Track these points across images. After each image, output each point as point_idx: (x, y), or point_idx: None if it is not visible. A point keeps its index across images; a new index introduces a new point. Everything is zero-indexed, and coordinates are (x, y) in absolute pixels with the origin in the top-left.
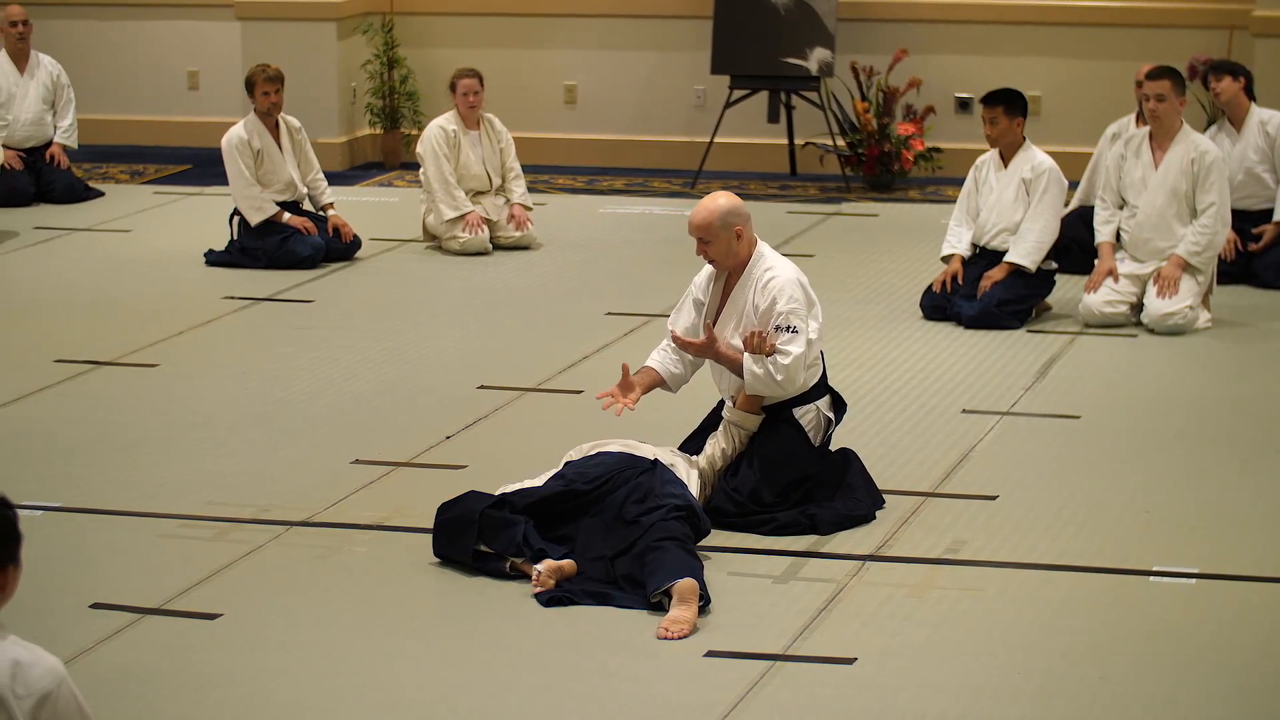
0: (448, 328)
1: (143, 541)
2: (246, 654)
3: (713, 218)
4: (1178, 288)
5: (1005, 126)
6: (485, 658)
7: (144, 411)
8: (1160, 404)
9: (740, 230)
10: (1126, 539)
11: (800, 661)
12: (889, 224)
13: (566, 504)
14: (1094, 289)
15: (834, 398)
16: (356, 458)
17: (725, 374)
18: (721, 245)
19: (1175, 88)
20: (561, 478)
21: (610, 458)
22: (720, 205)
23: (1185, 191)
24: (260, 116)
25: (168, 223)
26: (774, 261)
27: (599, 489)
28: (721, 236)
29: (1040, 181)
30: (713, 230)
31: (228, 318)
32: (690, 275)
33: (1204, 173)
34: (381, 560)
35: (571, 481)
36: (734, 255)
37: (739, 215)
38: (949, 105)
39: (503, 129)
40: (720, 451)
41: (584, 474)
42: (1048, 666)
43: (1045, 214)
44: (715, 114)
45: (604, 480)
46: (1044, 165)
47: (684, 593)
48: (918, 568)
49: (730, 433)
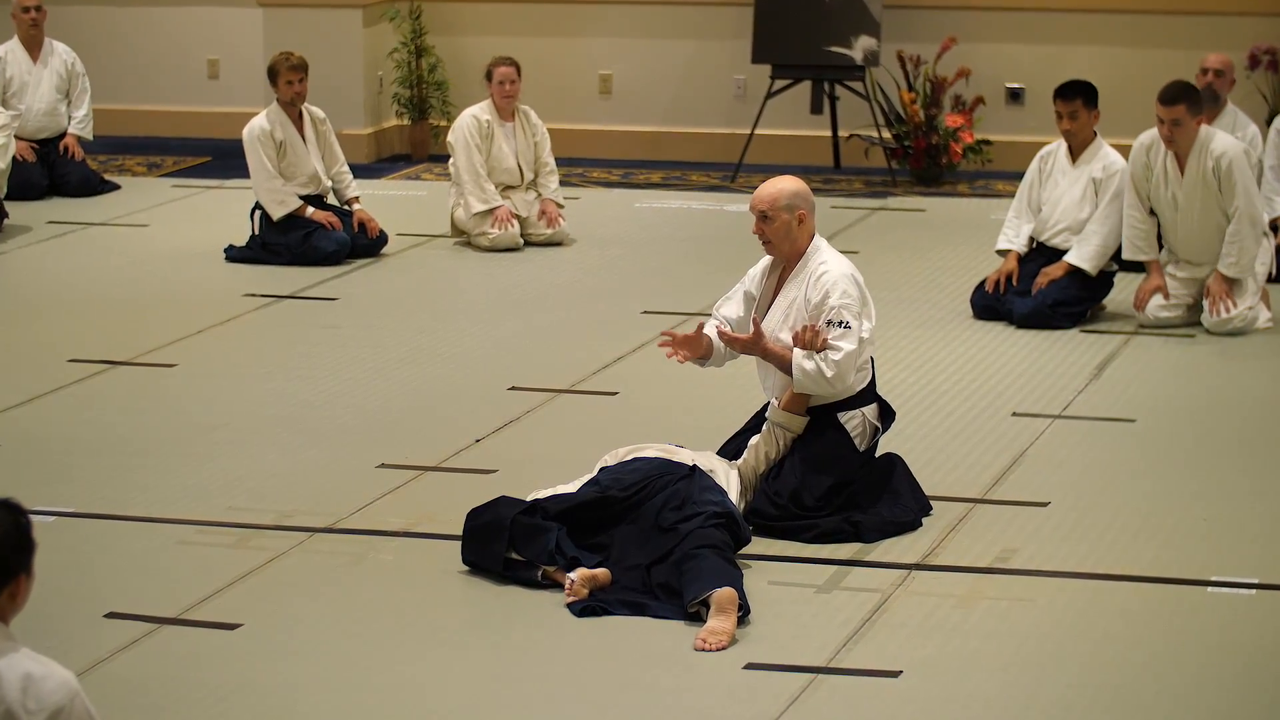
0: (477, 327)
1: (159, 549)
2: (267, 666)
3: (780, 195)
4: (1231, 300)
5: (1085, 120)
6: (516, 670)
7: (161, 413)
8: (1219, 406)
9: (803, 216)
10: (1184, 548)
11: (843, 674)
12: (936, 219)
13: (601, 511)
14: (1141, 308)
15: (882, 406)
16: (382, 462)
17: (772, 372)
18: (781, 226)
19: (1190, 110)
20: (596, 484)
21: (647, 464)
22: (788, 186)
23: (1218, 199)
24: (283, 107)
25: (186, 217)
26: (830, 256)
27: (635, 495)
28: (783, 217)
29: (1111, 183)
30: (776, 208)
31: (248, 316)
32: (730, 273)
33: (1224, 177)
34: (408, 568)
35: (607, 488)
36: (791, 240)
37: (805, 201)
38: (999, 96)
39: (538, 122)
40: (764, 456)
41: (620, 480)
42: (1101, 681)
43: (1113, 217)
44: (756, 105)
45: (640, 487)
46: (1116, 165)
47: (722, 602)
48: (965, 577)
49: (774, 435)
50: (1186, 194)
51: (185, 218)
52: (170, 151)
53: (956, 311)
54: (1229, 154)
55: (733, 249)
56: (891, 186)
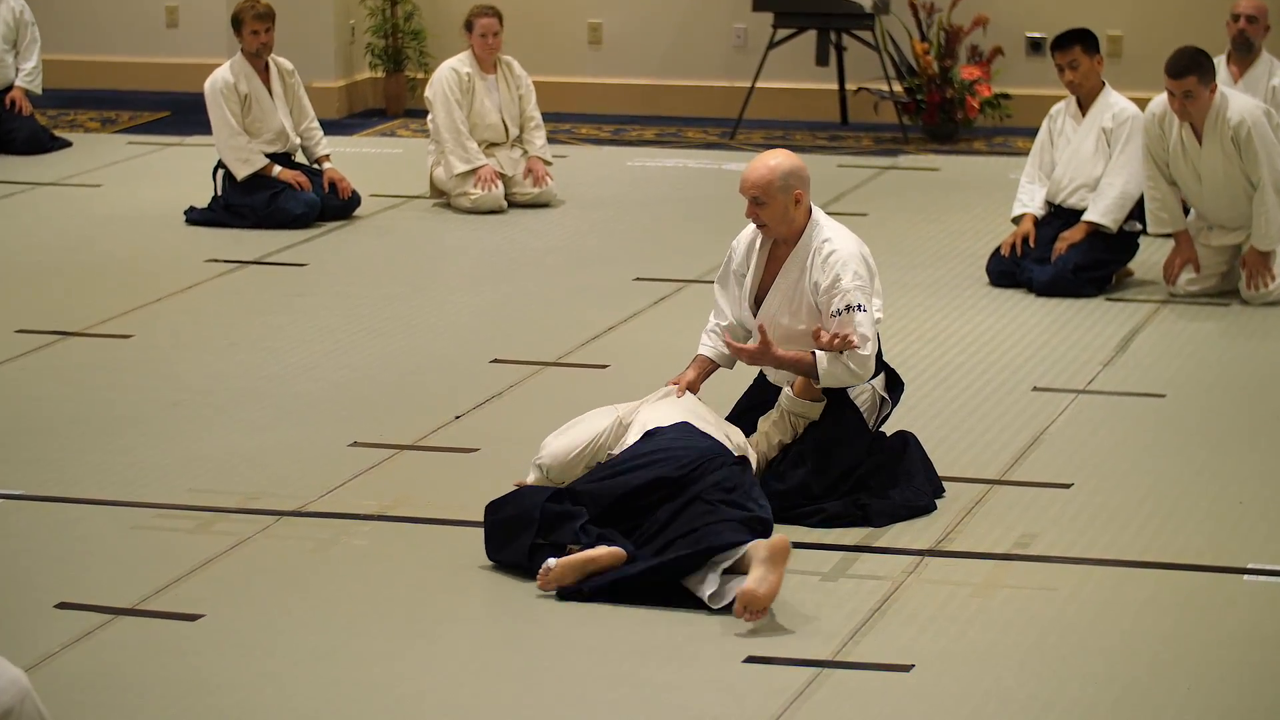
0: (458, 295)
1: (115, 533)
2: (231, 659)
3: (773, 176)
4: (1270, 272)
5: (1087, 67)
6: (499, 664)
7: (117, 388)
8: (1256, 381)
9: (800, 195)
10: (1218, 533)
11: (850, 669)
12: (951, 179)
13: (651, 496)
14: (1172, 282)
15: (890, 376)
16: (355, 440)
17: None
18: (777, 209)
19: (1202, 80)
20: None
21: (701, 442)
22: (781, 164)
23: (1241, 167)
24: (248, 58)
25: (143, 176)
26: (832, 232)
27: (689, 474)
28: (779, 199)
29: (1122, 130)
30: (771, 191)
31: (211, 283)
32: (729, 236)
33: (1244, 145)
34: (383, 554)
35: (659, 464)
36: (789, 222)
37: (800, 178)
38: (1019, 46)
39: (522, 74)
40: (776, 443)
41: (674, 456)
42: (1129, 676)
43: (1128, 167)
44: (757, 56)
45: (695, 465)
46: (1126, 112)
47: (775, 551)
48: (982, 564)
49: (788, 422)
50: (1208, 165)
51: (142, 177)
52: (125, 106)
53: (972, 279)
54: (1247, 120)
55: (731, 211)
56: (903, 144)
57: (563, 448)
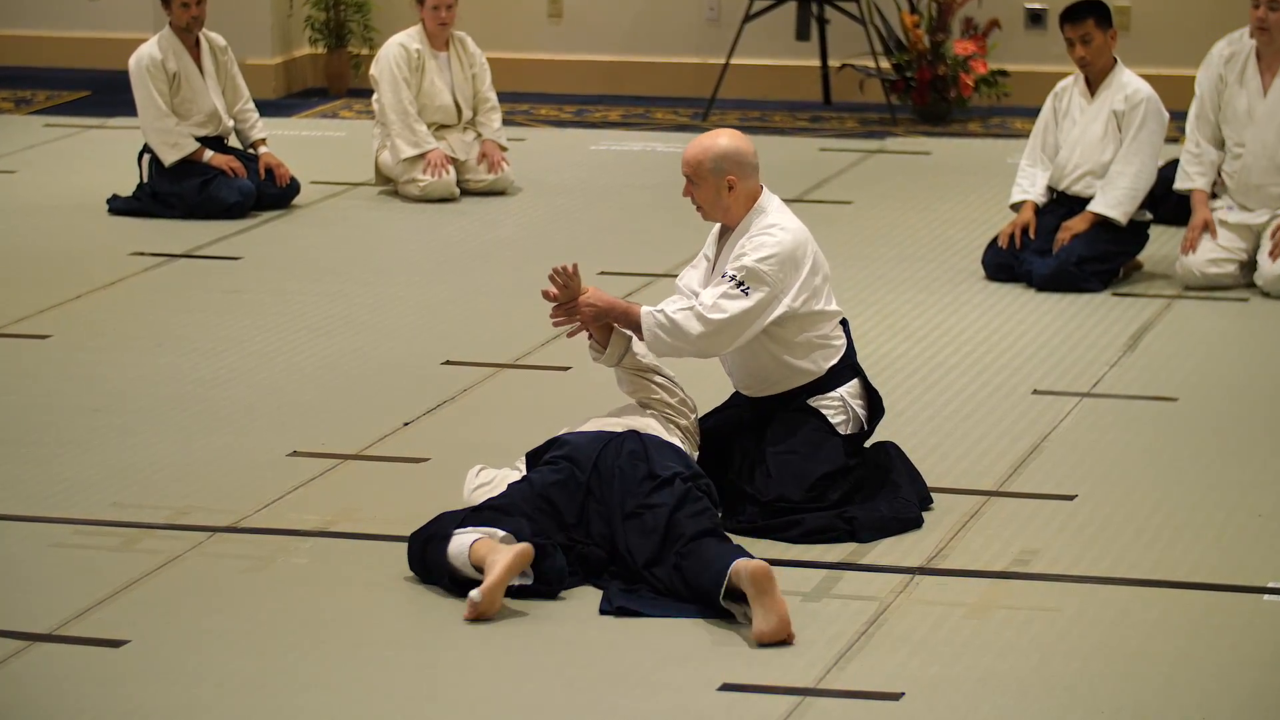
0: (406, 290)
1: (32, 552)
2: (158, 688)
3: (704, 156)
4: None
5: (1100, 43)
6: (451, 693)
7: (33, 393)
8: (1276, 383)
9: (733, 181)
10: (1234, 548)
11: (835, 697)
12: (944, 163)
13: (570, 494)
14: (1192, 248)
15: (868, 393)
16: (295, 449)
17: (735, 358)
18: (708, 192)
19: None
20: (553, 464)
21: (582, 439)
22: (718, 145)
23: None
24: (177, 32)
25: (62, 162)
26: (778, 219)
27: (596, 460)
28: (709, 181)
29: (1136, 114)
30: (701, 171)
31: (136, 278)
32: (701, 227)
33: None
34: (324, 573)
35: (567, 466)
36: (721, 208)
37: (737, 164)
38: (1017, 18)
39: (476, 51)
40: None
41: (577, 460)
42: (1138, 703)
43: (1140, 154)
44: (732, 30)
45: (599, 452)
46: (1141, 94)
47: (759, 581)
48: (978, 583)
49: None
50: (1269, 108)
51: (61, 163)
52: (43, 84)
53: (967, 272)
54: None
55: None
56: (891, 125)
57: None
